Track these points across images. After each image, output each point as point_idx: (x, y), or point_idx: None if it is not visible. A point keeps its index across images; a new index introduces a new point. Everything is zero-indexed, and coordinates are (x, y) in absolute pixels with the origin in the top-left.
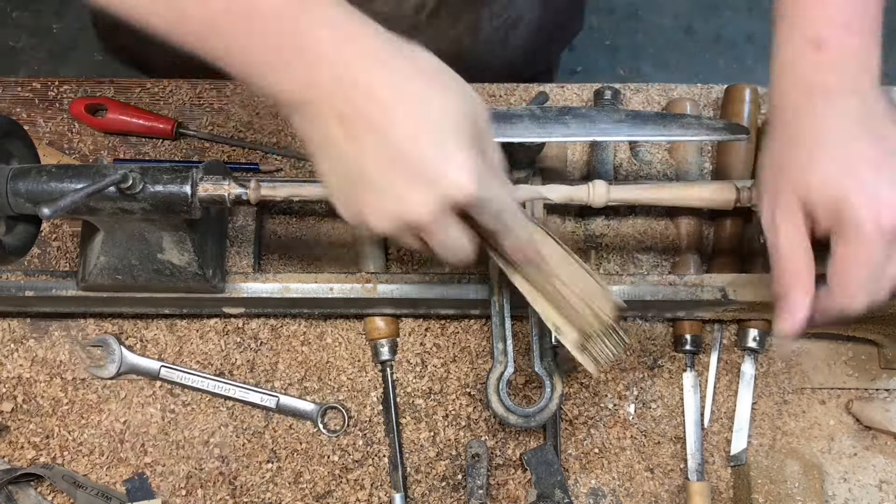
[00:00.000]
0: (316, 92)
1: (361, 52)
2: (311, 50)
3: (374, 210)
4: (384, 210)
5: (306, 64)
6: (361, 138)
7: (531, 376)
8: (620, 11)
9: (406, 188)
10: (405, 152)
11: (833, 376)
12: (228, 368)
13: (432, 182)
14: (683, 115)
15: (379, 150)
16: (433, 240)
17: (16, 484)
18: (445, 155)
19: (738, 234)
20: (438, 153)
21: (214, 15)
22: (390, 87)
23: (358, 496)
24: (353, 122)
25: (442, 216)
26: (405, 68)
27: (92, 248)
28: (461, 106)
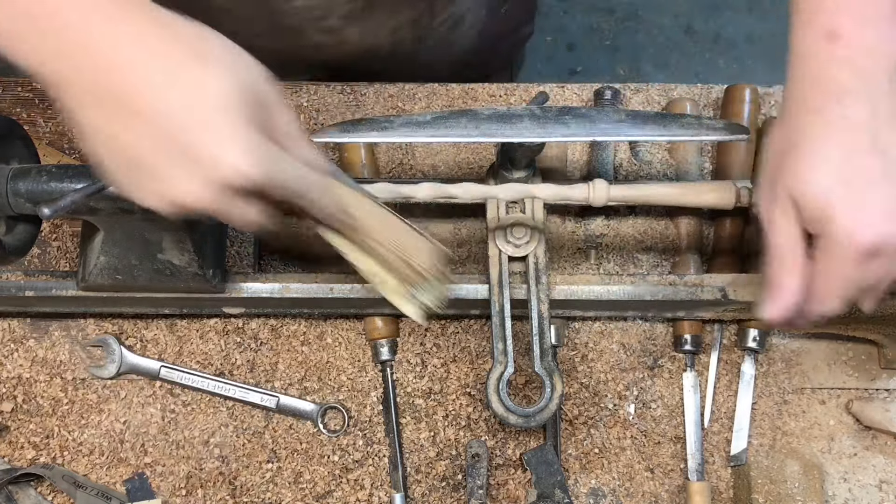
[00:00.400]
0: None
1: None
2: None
3: (153, 195)
4: (163, 195)
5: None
6: (131, 125)
7: (531, 376)
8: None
9: (181, 175)
10: (176, 138)
11: (833, 376)
12: (228, 368)
13: (207, 168)
14: (683, 115)
15: (143, 133)
16: (229, 217)
17: (16, 484)
18: (218, 138)
19: (738, 234)
20: (210, 137)
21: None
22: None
23: (358, 496)
24: (113, 105)
25: (223, 198)
26: (170, 45)
27: (92, 248)
28: (234, 82)
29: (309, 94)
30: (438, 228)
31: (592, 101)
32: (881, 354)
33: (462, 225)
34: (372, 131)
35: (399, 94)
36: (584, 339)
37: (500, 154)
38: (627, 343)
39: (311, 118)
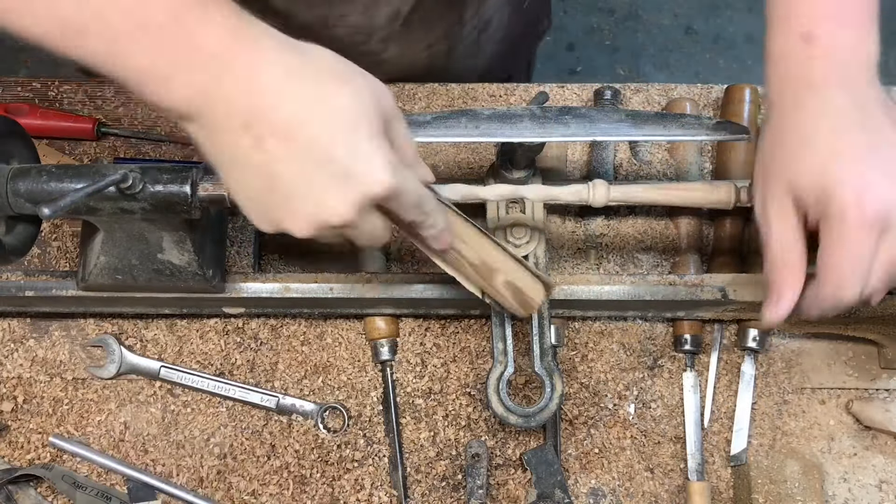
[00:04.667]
0: (213, 98)
1: (259, 53)
2: (205, 51)
3: (293, 217)
4: (304, 216)
5: (200, 67)
6: (270, 144)
7: (531, 376)
8: (620, 11)
9: (323, 191)
10: (317, 154)
11: (833, 376)
12: (228, 368)
13: (349, 181)
14: (683, 115)
15: (290, 155)
16: (355, 234)
17: (16, 484)
18: (358, 151)
19: (738, 234)
20: (351, 151)
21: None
22: (293, 88)
23: (358, 496)
24: (258, 129)
25: (362, 213)
26: (304, 67)
27: (92, 248)
28: (366, 98)
29: None
30: None
31: (592, 101)
32: (881, 354)
33: None
34: None
35: (399, 94)
36: (584, 339)
37: (500, 154)
38: (627, 343)
39: None
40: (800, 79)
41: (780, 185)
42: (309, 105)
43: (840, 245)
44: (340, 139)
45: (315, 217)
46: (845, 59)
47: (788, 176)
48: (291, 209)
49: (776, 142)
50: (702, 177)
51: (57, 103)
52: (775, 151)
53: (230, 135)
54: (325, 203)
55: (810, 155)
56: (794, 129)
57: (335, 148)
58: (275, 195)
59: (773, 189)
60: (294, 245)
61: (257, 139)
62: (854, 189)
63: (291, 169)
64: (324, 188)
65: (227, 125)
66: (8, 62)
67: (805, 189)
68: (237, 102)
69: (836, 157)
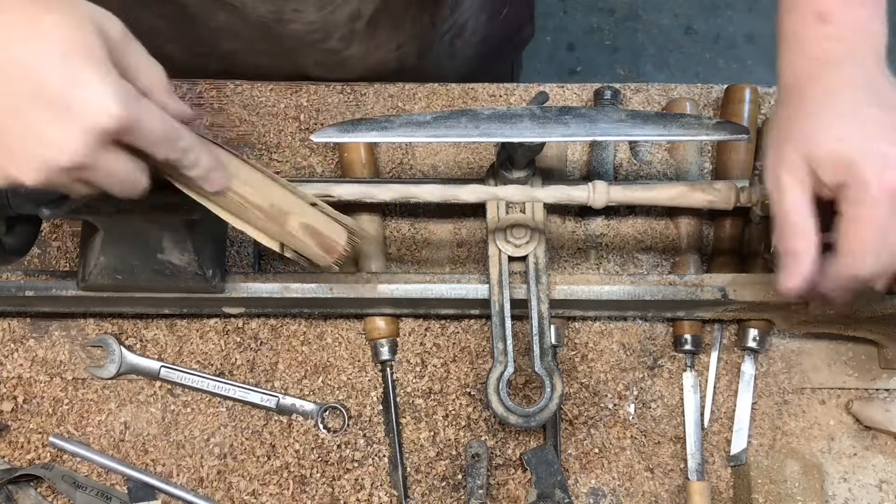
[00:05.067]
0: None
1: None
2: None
3: (18, 162)
4: (28, 159)
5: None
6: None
7: (531, 376)
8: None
9: (44, 127)
10: (34, 90)
11: (833, 376)
12: (228, 368)
13: (70, 113)
14: (683, 115)
15: (9, 93)
16: (97, 177)
17: (16, 484)
18: (76, 79)
19: (738, 234)
20: (67, 79)
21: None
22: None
23: (358, 496)
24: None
25: (96, 149)
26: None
27: (92, 248)
28: (81, 23)
29: (309, 94)
30: (438, 228)
31: (592, 101)
32: (881, 354)
33: (462, 225)
34: (372, 131)
35: (399, 94)
36: (584, 339)
37: (500, 154)
38: (627, 343)
39: (311, 118)
40: (815, 56)
41: (798, 152)
42: (12, 33)
43: (862, 217)
44: (52, 66)
45: (41, 159)
46: (859, 38)
47: (807, 144)
48: (13, 152)
49: (794, 116)
50: (702, 177)
51: None
52: (793, 125)
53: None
54: (49, 140)
55: (834, 126)
56: (815, 103)
57: (48, 77)
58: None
59: (789, 156)
60: None
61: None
62: (878, 161)
63: (8, 108)
64: (43, 124)
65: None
66: None
67: (824, 158)
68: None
69: (859, 129)
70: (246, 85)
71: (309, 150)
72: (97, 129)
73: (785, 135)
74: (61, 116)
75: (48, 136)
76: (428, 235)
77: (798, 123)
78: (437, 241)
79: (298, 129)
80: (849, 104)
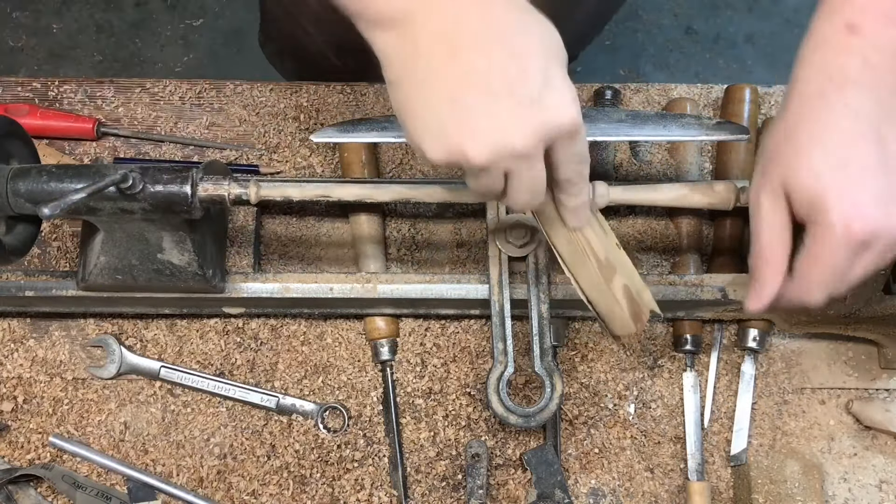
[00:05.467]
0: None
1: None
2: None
3: (473, 138)
4: (484, 137)
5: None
6: (471, 64)
7: (531, 376)
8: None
9: (510, 113)
10: (511, 75)
11: (833, 376)
12: (228, 368)
13: (538, 107)
14: (683, 115)
15: (484, 70)
16: (520, 176)
17: (16, 484)
18: (551, 80)
19: (738, 234)
20: (545, 78)
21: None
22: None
23: (358, 496)
24: (463, 47)
25: (539, 148)
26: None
27: (92, 248)
28: (554, 37)
29: (309, 94)
30: (439, 228)
31: (592, 101)
32: (881, 354)
33: (462, 225)
34: (372, 131)
35: None
36: (584, 339)
37: None
38: (627, 343)
39: (311, 118)
40: (832, 72)
41: (778, 177)
42: (509, 28)
43: (819, 257)
44: (537, 64)
45: (496, 140)
46: (884, 58)
47: (788, 172)
48: (473, 128)
49: (788, 132)
50: (702, 177)
51: (57, 103)
52: (783, 143)
53: (426, 45)
54: (509, 126)
55: (815, 160)
56: (809, 124)
57: (531, 72)
58: (459, 112)
59: (770, 179)
60: (294, 246)
61: (453, 50)
62: (847, 207)
63: (482, 85)
64: (511, 110)
65: (425, 35)
66: (8, 62)
67: (800, 190)
68: (440, 13)
69: (839, 168)
70: (246, 85)
71: (309, 150)
72: (554, 126)
73: (774, 154)
74: (530, 108)
75: (512, 121)
76: (428, 235)
77: (787, 146)
78: (437, 241)
79: (298, 129)
80: (841, 139)
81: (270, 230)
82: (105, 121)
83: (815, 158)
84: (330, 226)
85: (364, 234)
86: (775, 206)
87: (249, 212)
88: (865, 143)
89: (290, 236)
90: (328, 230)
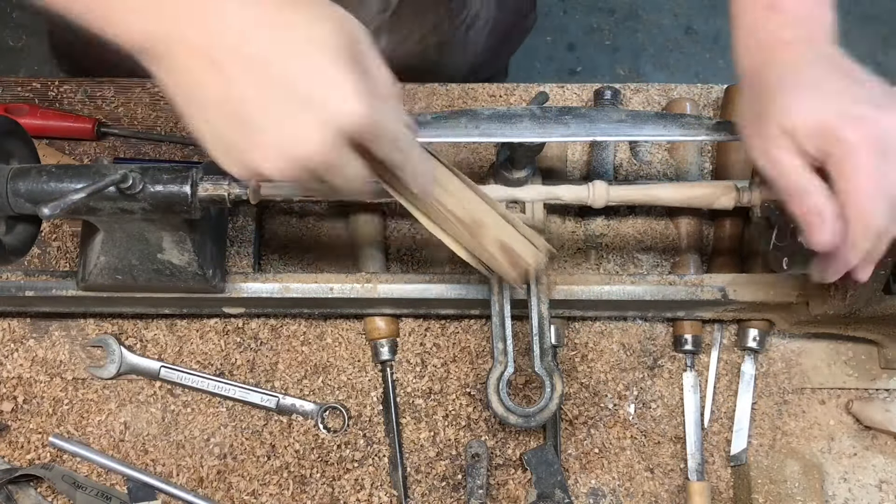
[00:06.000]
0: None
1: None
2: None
3: (264, 152)
4: (274, 149)
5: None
6: (237, 78)
7: (531, 376)
8: (620, 11)
9: (294, 122)
10: (286, 84)
11: (833, 376)
12: (228, 368)
13: (320, 109)
14: (683, 115)
15: (259, 86)
16: (332, 175)
17: (16, 484)
18: (326, 78)
19: (738, 234)
20: (320, 78)
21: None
22: (260, 20)
23: (358, 496)
24: (226, 63)
25: (336, 146)
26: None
27: (92, 248)
28: (334, 29)
29: None
30: None
31: (592, 101)
32: (881, 354)
33: None
34: None
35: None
36: (584, 339)
37: (499, 154)
38: (627, 343)
39: None
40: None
41: (777, 128)
42: (269, 32)
43: (853, 169)
44: (306, 65)
45: (286, 150)
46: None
47: (783, 118)
48: (261, 143)
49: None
50: (702, 177)
51: (57, 103)
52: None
53: (197, 72)
54: (296, 133)
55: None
56: (779, 82)
57: (301, 75)
58: (243, 130)
59: (771, 132)
60: (294, 246)
61: (224, 73)
62: (852, 121)
63: (261, 101)
64: (293, 118)
65: (193, 62)
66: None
67: (803, 130)
68: (203, 38)
69: (826, 98)
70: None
71: None
72: (344, 127)
73: (759, 113)
74: (311, 112)
75: (296, 130)
76: (428, 235)
77: (768, 104)
78: (437, 241)
79: None
80: (811, 78)
81: (270, 230)
82: (105, 121)
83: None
84: (330, 226)
85: (364, 234)
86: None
87: (249, 212)
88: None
89: (290, 236)
90: (328, 230)
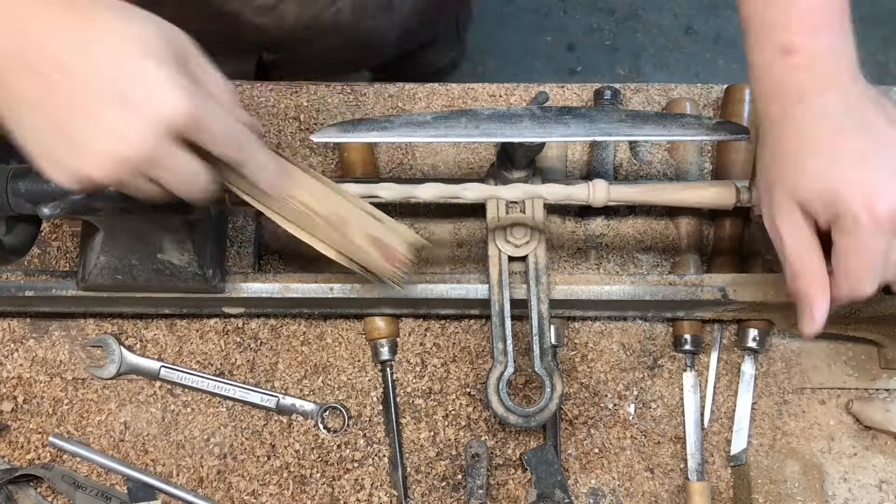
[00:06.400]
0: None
1: None
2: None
3: (87, 156)
4: (96, 152)
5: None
6: (56, 85)
7: (531, 376)
8: (620, 11)
9: (116, 121)
10: (105, 85)
11: (833, 376)
12: (228, 368)
13: (140, 106)
14: (683, 115)
15: (78, 91)
16: (164, 175)
17: (16, 484)
18: (146, 76)
19: (738, 234)
20: (139, 77)
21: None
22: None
23: (358, 496)
24: (43, 71)
25: (163, 143)
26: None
27: (92, 248)
28: (154, 31)
29: (309, 94)
30: (438, 228)
31: (592, 101)
32: (881, 354)
33: (462, 225)
34: (372, 131)
35: (399, 94)
36: (584, 339)
37: (500, 154)
38: (627, 343)
39: (311, 118)
40: (786, 90)
41: (786, 193)
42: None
43: (856, 247)
44: (123, 65)
45: (109, 151)
46: (828, 63)
47: (793, 184)
48: (82, 146)
49: (774, 156)
50: (702, 177)
51: None
52: (775, 166)
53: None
54: (116, 133)
55: (812, 160)
56: (791, 141)
57: (119, 74)
58: (66, 135)
59: (778, 199)
60: (294, 246)
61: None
62: (863, 193)
63: (81, 105)
64: (112, 118)
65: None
66: None
67: (812, 196)
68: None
69: (839, 161)
70: (246, 85)
71: (309, 150)
72: (163, 122)
73: (772, 179)
74: (131, 111)
75: (115, 129)
76: (428, 235)
77: (780, 166)
78: (437, 241)
79: (298, 129)
80: (824, 138)
81: (270, 230)
82: None
83: (814, 161)
84: None
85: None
86: (794, 222)
87: (249, 212)
88: (852, 135)
89: (290, 236)
90: None
